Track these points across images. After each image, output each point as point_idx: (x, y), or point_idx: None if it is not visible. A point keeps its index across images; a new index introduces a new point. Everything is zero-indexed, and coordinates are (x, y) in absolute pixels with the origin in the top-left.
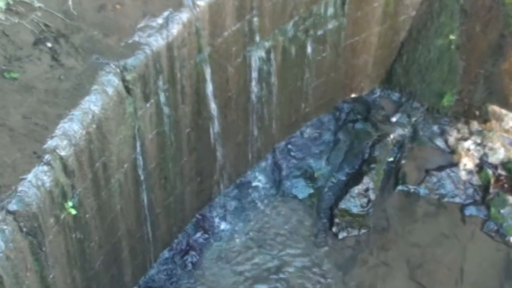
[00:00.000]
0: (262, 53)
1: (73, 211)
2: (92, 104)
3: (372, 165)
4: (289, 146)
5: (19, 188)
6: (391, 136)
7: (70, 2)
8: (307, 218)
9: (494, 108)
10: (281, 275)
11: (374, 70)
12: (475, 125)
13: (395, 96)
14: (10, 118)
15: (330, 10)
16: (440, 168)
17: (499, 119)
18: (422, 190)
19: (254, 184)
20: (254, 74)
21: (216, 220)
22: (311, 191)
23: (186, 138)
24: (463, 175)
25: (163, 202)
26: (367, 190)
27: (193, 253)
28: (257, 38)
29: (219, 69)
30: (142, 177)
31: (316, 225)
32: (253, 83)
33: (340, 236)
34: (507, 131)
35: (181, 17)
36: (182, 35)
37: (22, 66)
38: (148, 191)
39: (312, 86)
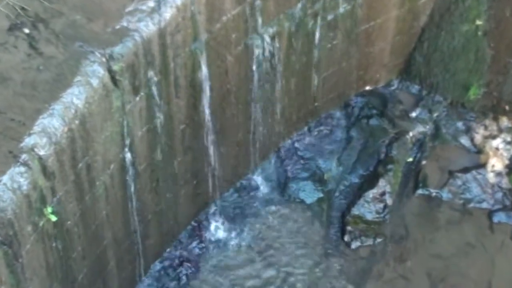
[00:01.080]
0: (266, 41)
1: (53, 218)
2: (75, 97)
3: (389, 166)
4: (296, 145)
5: None
6: (410, 133)
7: None
8: (315, 225)
9: None
10: None
11: (391, 59)
12: (504, 121)
13: (415, 88)
14: None
15: None
16: (465, 170)
17: None
18: (445, 194)
19: (256, 187)
20: (257, 64)
21: (214, 227)
22: (320, 195)
23: (180, 136)
24: (491, 177)
25: (154, 207)
26: (383, 194)
27: (188, 264)
28: (260, 24)
29: (217, 58)
30: (130, 180)
31: (326, 233)
32: (255, 74)
33: (353, 245)
34: None
35: (175, 0)
36: (175, 20)
37: None
38: (138, 195)
39: (322, 77)
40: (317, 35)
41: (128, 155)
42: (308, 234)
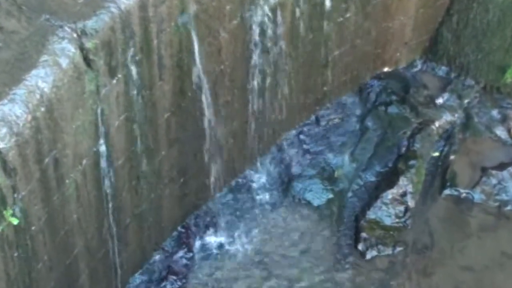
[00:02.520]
0: (266, 13)
1: (15, 221)
2: (41, 80)
3: (411, 162)
4: (302, 137)
5: None
6: (436, 123)
7: None
8: (324, 231)
9: None
10: None
11: (414, 36)
12: None
13: (442, 70)
14: None
15: None
16: (501, 166)
17: None
18: (477, 195)
19: (254, 186)
20: (255, 41)
21: (205, 234)
22: (330, 196)
23: (165, 126)
24: None
25: (134, 210)
26: (404, 195)
27: (174, 278)
28: None
29: (209, 34)
30: (106, 177)
31: (337, 241)
32: (254, 52)
33: (368, 255)
34: None
35: None
36: None
37: None
38: (114, 196)
39: (332, 56)
40: (327, 6)
41: (103, 148)
42: (315, 241)
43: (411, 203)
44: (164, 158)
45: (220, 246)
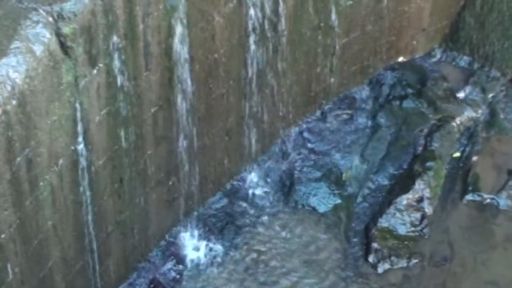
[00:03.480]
0: None
1: None
2: (11, 69)
3: (429, 164)
4: (305, 135)
5: None
6: (457, 120)
7: None
8: (331, 242)
9: None
10: None
11: (433, 21)
12: None
13: (464, 60)
14: None
15: None
16: None
17: None
18: (503, 201)
19: (252, 190)
20: (254, 27)
21: (195, 244)
22: (338, 201)
23: (152, 122)
24: None
25: (117, 216)
26: (420, 200)
27: None
28: None
29: (201, 18)
30: (85, 179)
31: (345, 252)
32: (252, 39)
33: (380, 269)
34: None
35: None
36: None
37: None
38: (95, 200)
39: (340, 44)
40: None
41: (82, 147)
42: (320, 253)
43: (428, 209)
44: (150, 158)
45: (213, 257)
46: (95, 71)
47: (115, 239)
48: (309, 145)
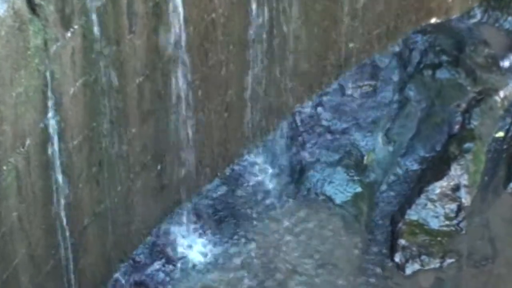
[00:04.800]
0: None
1: None
2: None
3: (467, 145)
4: (319, 110)
5: None
6: (501, 93)
7: None
8: (349, 237)
9: None
10: None
11: None
12: None
13: (508, 22)
14: None
15: None
16: None
17: None
18: None
19: (255, 176)
20: None
21: (188, 240)
22: (358, 189)
23: (137, 94)
24: None
25: (95, 207)
26: (457, 188)
27: None
28: None
29: None
30: (57, 163)
31: (366, 250)
32: None
33: (409, 270)
34: None
35: None
36: None
37: None
38: (68, 188)
39: (361, 3)
40: None
41: (53, 124)
42: (337, 251)
43: (466, 199)
44: (135, 137)
45: (209, 256)
46: (68, 34)
47: (93, 234)
48: (323, 122)
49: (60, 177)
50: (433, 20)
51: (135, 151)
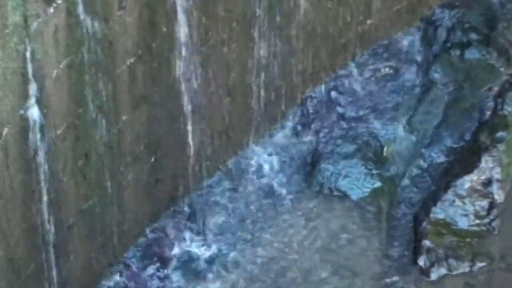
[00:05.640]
0: None
1: None
2: None
3: (500, 134)
4: (334, 95)
5: None
6: None
7: None
8: (367, 239)
9: None
10: None
11: None
12: None
13: None
14: None
15: None
16: None
17: None
18: None
19: (262, 169)
20: None
21: (186, 241)
22: (377, 184)
23: (127, 77)
24: None
25: (81, 204)
26: (488, 183)
27: None
28: None
29: None
30: (38, 155)
31: (386, 252)
32: None
33: (434, 275)
34: None
35: None
36: None
37: None
38: (51, 183)
39: None
40: None
41: (35, 111)
42: (353, 253)
43: (498, 195)
44: (126, 125)
45: (209, 259)
46: (51, 10)
47: (79, 234)
48: (338, 109)
49: (41, 171)
50: None
51: (126, 141)
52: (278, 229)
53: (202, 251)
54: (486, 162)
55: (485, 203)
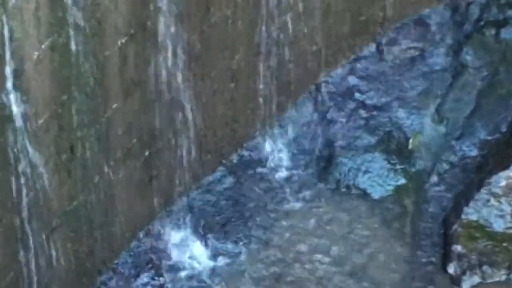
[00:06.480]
0: None
1: None
2: None
3: None
4: (352, 80)
5: None
6: None
7: None
8: (390, 243)
9: None
10: None
11: None
12: None
13: None
14: None
15: None
16: None
17: None
18: None
19: (270, 164)
20: None
21: (184, 246)
22: (401, 181)
23: (118, 59)
24: None
25: (66, 204)
26: None
27: None
28: None
29: None
30: (17, 148)
31: (411, 257)
32: None
33: (466, 284)
34: None
35: None
36: None
37: None
38: (32, 180)
39: None
40: None
41: (13, 98)
42: (375, 260)
43: None
44: (116, 115)
45: (210, 266)
46: None
47: (63, 238)
48: (357, 95)
49: (21, 166)
50: None
51: (116, 133)
52: (288, 233)
53: (202, 257)
54: None
55: None
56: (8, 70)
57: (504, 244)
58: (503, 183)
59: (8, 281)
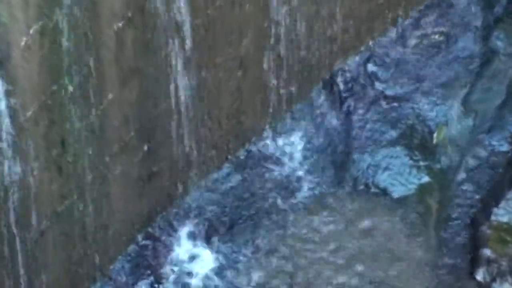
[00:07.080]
0: None
1: None
2: None
3: None
4: (371, 68)
5: None
6: None
7: None
8: (412, 246)
9: None
10: None
11: None
12: None
13: None
14: None
15: None
16: None
17: None
18: None
19: (281, 160)
20: None
21: (187, 250)
22: (424, 179)
23: (115, 46)
24: None
25: (56, 204)
26: None
27: None
28: None
29: None
30: (4, 143)
31: (437, 263)
32: None
33: None
34: None
35: None
36: None
37: None
38: (19, 177)
39: None
40: None
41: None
42: (396, 265)
43: None
44: (112, 106)
45: (215, 272)
46: None
47: (54, 242)
48: (377, 84)
49: (7, 163)
50: None
51: (112, 125)
52: (301, 235)
53: (205, 262)
54: None
55: None
56: None
57: None
58: None
59: None
